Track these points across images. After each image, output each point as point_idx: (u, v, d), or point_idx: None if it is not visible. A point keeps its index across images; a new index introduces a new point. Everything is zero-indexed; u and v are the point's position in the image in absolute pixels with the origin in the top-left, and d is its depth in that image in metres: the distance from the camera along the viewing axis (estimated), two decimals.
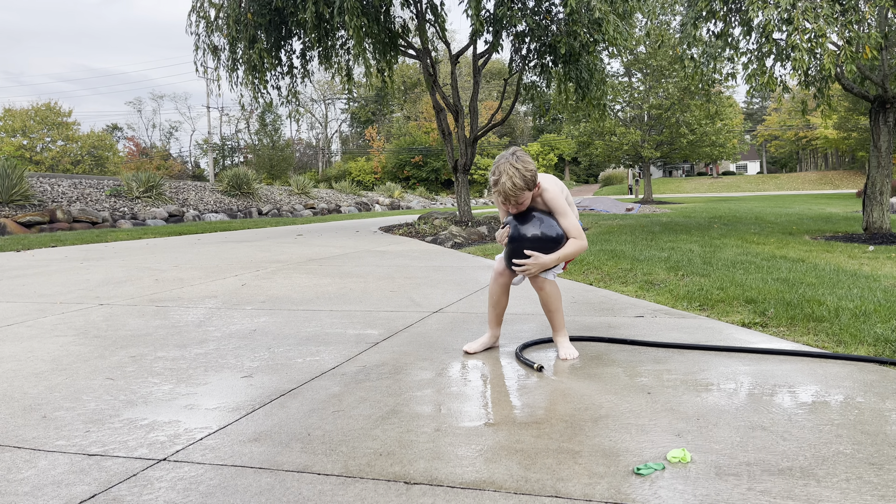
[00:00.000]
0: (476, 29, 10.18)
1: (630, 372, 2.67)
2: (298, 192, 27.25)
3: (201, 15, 11.58)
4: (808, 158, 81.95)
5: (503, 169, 2.75)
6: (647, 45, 27.70)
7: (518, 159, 2.75)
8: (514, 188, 2.73)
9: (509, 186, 2.73)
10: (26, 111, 57.16)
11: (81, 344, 3.33)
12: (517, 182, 2.73)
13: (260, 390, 2.51)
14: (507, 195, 2.75)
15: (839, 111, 40.57)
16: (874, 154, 8.60)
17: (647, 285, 4.83)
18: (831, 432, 1.97)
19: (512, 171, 2.73)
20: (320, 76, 65.07)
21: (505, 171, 2.74)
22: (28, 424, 2.18)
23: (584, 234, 2.95)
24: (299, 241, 10.10)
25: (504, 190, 2.74)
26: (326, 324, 3.75)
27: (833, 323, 3.33)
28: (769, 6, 7.44)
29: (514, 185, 2.73)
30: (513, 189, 2.73)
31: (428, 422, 2.14)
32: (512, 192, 2.74)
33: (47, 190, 17.14)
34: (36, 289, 5.37)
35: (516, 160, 2.75)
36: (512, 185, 2.73)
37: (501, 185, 2.75)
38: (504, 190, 2.74)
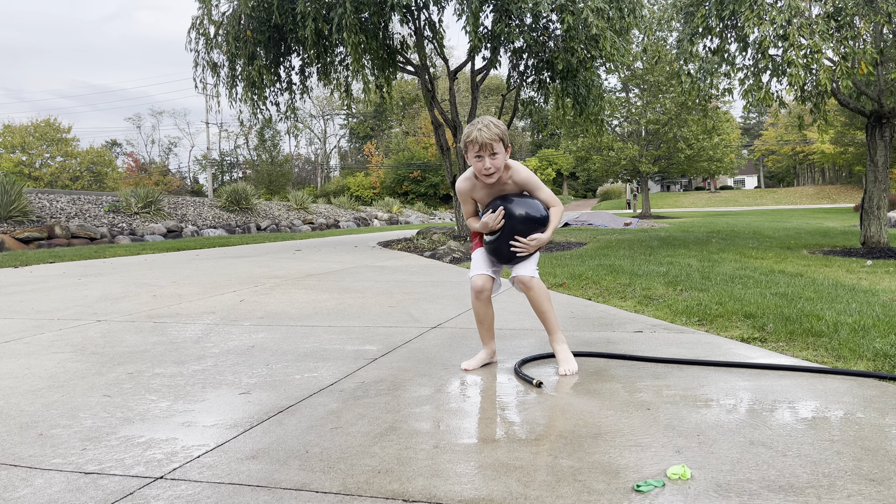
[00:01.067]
0: (474, 45, 10.24)
1: (629, 387, 2.66)
2: (297, 207, 27.28)
3: (201, 32, 11.65)
4: (806, 173, 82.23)
5: (476, 122, 2.82)
6: (644, 60, 27.85)
7: (492, 118, 2.85)
8: (490, 135, 2.76)
9: (486, 134, 2.76)
10: (25, 127, 57.35)
11: (79, 360, 3.32)
12: (493, 130, 2.78)
13: (258, 407, 2.50)
14: (483, 143, 2.77)
15: (836, 126, 40.74)
16: (871, 169, 8.63)
17: (646, 300, 4.83)
18: (831, 448, 1.96)
19: (486, 121, 2.82)
20: (319, 92, 65.34)
21: (478, 123, 2.81)
22: (24, 442, 2.17)
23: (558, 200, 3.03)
24: (298, 256, 10.10)
25: (480, 138, 2.76)
26: (325, 340, 3.74)
27: (832, 338, 3.32)
28: (765, 23, 7.50)
29: (491, 132, 2.76)
30: (489, 136, 2.76)
31: (426, 439, 2.13)
32: (488, 139, 2.76)
33: (46, 206, 17.15)
34: (33, 305, 5.36)
35: (490, 118, 2.85)
36: (489, 133, 2.76)
37: (477, 134, 2.77)
38: (480, 138, 2.76)
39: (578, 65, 10.55)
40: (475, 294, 3.02)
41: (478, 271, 3.03)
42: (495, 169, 2.84)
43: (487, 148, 2.79)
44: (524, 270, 2.95)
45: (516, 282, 2.97)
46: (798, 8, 7.35)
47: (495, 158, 2.82)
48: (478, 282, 3.01)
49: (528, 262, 2.97)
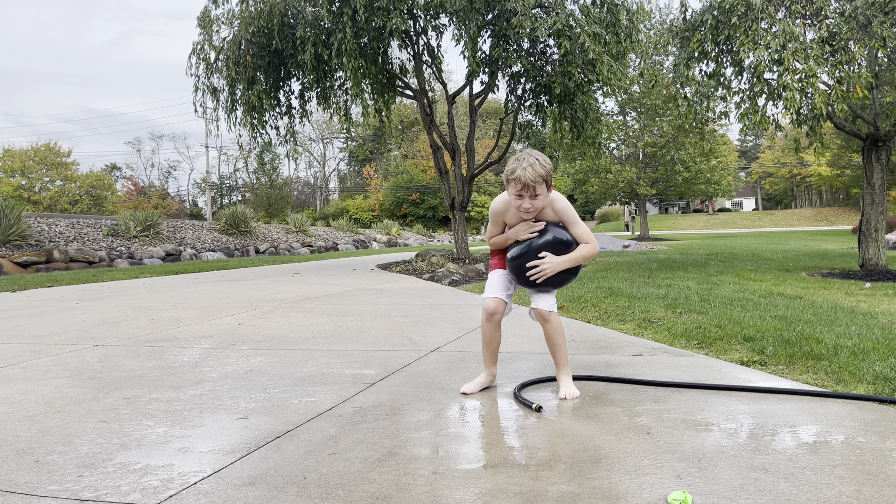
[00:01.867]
0: (472, 70, 10.33)
1: (629, 412, 2.65)
2: (296, 230, 27.31)
3: (201, 57, 11.76)
4: (803, 195, 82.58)
5: (522, 158, 2.73)
6: (640, 84, 28.10)
7: (537, 154, 2.76)
8: (534, 175, 2.69)
9: (529, 174, 2.68)
10: (25, 151, 57.56)
11: (75, 386, 3.30)
12: (538, 170, 2.70)
13: (255, 432, 2.48)
14: (526, 184, 2.70)
15: (832, 149, 40.98)
16: (868, 191, 8.66)
17: (645, 323, 4.82)
18: (833, 473, 1.95)
19: (531, 159, 2.72)
20: (318, 116, 65.75)
21: (524, 159, 2.72)
22: (20, 468, 2.15)
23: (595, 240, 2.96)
24: (296, 279, 10.09)
25: (524, 177, 2.69)
26: (323, 364, 3.72)
27: (832, 361, 3.31)
28: (760, 47, 7.57)
29: (535, 173, 2.69)
30: (533, 176, 2.69)
31: (425, 464, 2.11)
32: (532, 180, 2.69)
33: (45, 230, 17.16)
34: (31, 329, 5.34)
35: (536, 153, 2.76)
36: (533, 173, 2.69)
37: (521, 173, 2.69)
38: (524, 177, 2.69)
39: (576, 88, 10.65)
40: (487, 316, 3.00)
41: (492, 294, 3.02)
42: (535, 210, 2.81)
43: (529, 189, 2.73)
44: (544, 304, 2.93)
45: (535, 313, 2.97)
46: (793, 33, 7.44)
47: (536, 199, 2.77)
48: (490, 304, 3.00)
49: (548, 295, 2.96)
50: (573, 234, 2.89)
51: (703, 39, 8.40)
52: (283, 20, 10.72)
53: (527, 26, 9.37)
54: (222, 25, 11.54)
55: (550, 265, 2.83)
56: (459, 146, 12.73)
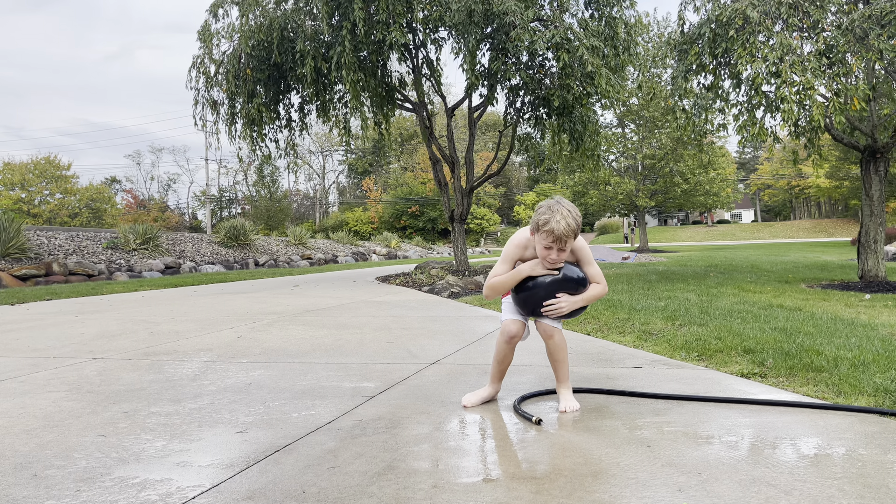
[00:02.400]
0: (471, 83, 10.38)
1: (630, 424, 2.64)
2: (295, 242, 27.31)
3: (201, 71, 11.81)
4: (802, 207, 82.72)
5: (556, 209, 2.69)
6: (639, 97, 28.21)
7: (567, 203, 2.73)
8: (567, 229, 2.67)
9: (563, 227, 2.66)
10: (25, 165, 57.69)
11: (74, 399, 3.29)
12: (571, 224, 2.68)
13: (254, 446, 2.47)
14: (560, 237, 2.68)
15: (830, 160, 41.12)
16: (866, 203, 8.68)
17: (645, 335, 4.81)
18: (834, 486, 1.94)
19: (566, 212, 2.69)
20: (318, 128, 65.96)
21: (559, 212, 2.68)
22: (18, 483, 2.14)
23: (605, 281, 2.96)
24: (296, 292, 10.08)
25: (558, 231, 2.66)
26: (322, 377, 3.71)
27: (832, 373, 3.31)
28: (757, 60, 7.61)
29: (569, 226, 2.67)
30: (567, 230, 2.66)
31: (425, 478, 2.10)
32: (566, 234, 2.67)
33: (44, 243, 17.16)
34: (29, 343, 5.33)
35: (566, 203, 2.73)
36: (566, 226, 2.66)
37: (555, 226, 2.66)
38: (558, 231, 2.66)
39: (574, 101, 10.69)
40: (506, 338, 2.97)
41: (512, 316, 2.98)
42: (560, 262, 2.80)
43: (561, 242, 2.71)
44: (549, 320, 2.94)
45: (539, 328, 2.97)
46: (790, 46, 7.48)
47: (564, 252, 2.76)
48: (512, 328, 2.95)
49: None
50: (587, 273, 2.90)
51: (700, 52, 8.44)
52: (282, 34, 10.78)
53: (525, 39, 9.42)
54: (222, 39, 11.61)
55: (567, 303, 2.84)
56: (459, 159, 12.76)
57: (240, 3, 11.19)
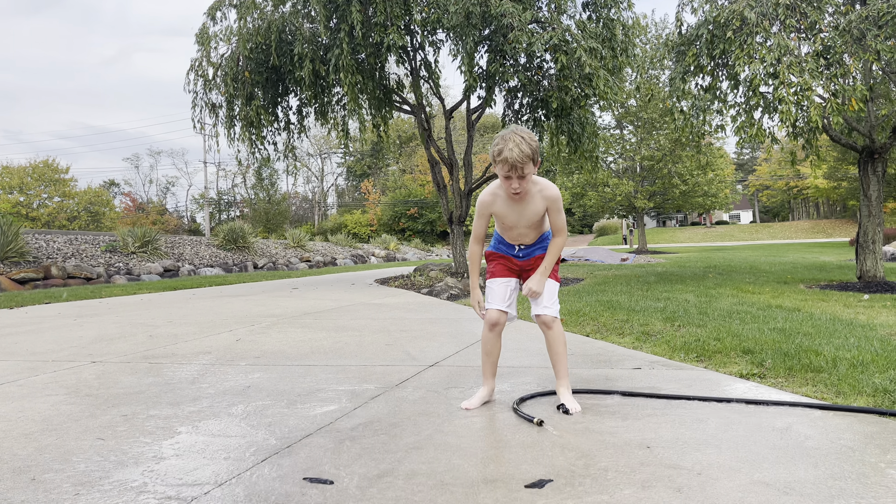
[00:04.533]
0: (469, 85, 10.38)
1: (629, 425, 2.64)
2: (294, 245, 27.30)
3: (199, 73, 11.81)
4: (800, 207, 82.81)
5: (508, 137, 2.71)
6: (637, 98, 28.25)
7: (520, 129, 2.75)
8: (521, 155, 2.69)
9: (516, 154, 2.68)
10: (24, 168, 57.63)
11: (73, 403, 3.29)
12: (524, 149, 2.69)
13: (254, 448, 2.47)
14: (514, 163, 2.70)
15: (828, 161, 41.18)
16: (864, 203, 8.69)
17: (644, 336, 4.81)
18: (833, 486, 1.94)
19: (517, 139, 2.70)
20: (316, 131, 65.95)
21: (510, 139, 2.71)
22: (16, 487, 2.14)
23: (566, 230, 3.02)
24: (294, 294, 10.07)
25: (511, 158, 2.69)
26: (321, 379, 3.71)
27: (831, 373, 3.31)
28: (755, 61, 7.62)
29: (522, 153, 2.69)
30: (520, 156, 2.68)
31: (425, 479, 2.10)
32: (519, 160, 2.69)
33: (42, 246, 17.14)
34: (28, 346, 5.32)
35: (520, 130, 2.74)
36: (519, 153, 2.68)
37: (508, 153, 2.69)
38: (511, 158, 2.69)
39: (572, 103, 10.69)
40: (489, 326, 3.05)
41: (493, 305, 3.05)
42: (524, 191, 2.83)
43: (517, 169, 2.73)
44: (548, 311, 2.97)
45: (538, 320, 3.00)
46: (787, 47, 7.49)
47: (524, 179, 2.78)
48: (493, 315, 3.04)
49: (553, 302, 2.99)
50: (556, 224, 2.95)
51: (698, 53, 8.45)
52: (280, 36, 10.78)
53: (523, 41, 9.43)
54: (220, 42, 11.61)
55: (538, 286, 2.94)
56: (457, 161, 12.76)
57: (238, 6, 11.19)
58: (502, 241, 3.08)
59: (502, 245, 3.09)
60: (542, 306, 2.98)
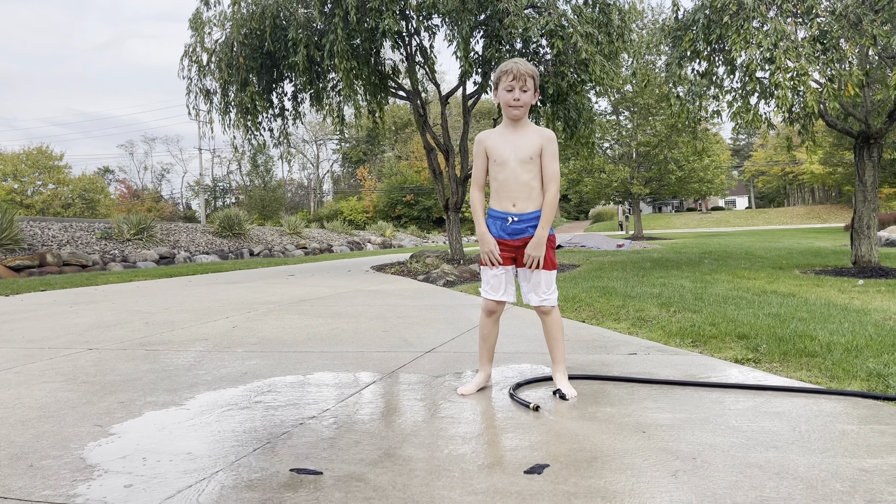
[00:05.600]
0: (465, 70, 10.34)
1: (625, 410, 2.65)
2: (290, 232, 27.26)
3: (193, 59, 11.73)
4: (796, 193, 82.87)
5: (509, 61, 2.93)
6: (633, 84, 28.14)
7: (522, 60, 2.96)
8: (526, 68, 2.88)
9: (522, 66, 2.88)
10: (17, 155, 57.31)
11: (69, 390, 3.29)
12: (528, 65, 2.90)
13: (251, 435, 2.48)
14: (518, 74, 2.86)
15: (824, 147, 41.13)
16: (860, 189, 8.70)
17: (640, 322, 4.83)
18: (827, 470, 1.96)
19: (521, 60, 2.92)
20: (312, 117, 65.66)
21: (512, 59, 2.93)
22: (14, 474, 2.14)
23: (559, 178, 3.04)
24: (291, 281, 10.07)
25: (515, 70, 2.87)
26: (318, 365, 3.72)
27: (825, 358, 3.33)
28: (751, 46, 7.60)
29: (527, 66, 2.89)
30: (525, 69, 2.88)
31: (422, 465, 2.11)
32: (524, 72, 2.87)
33: (37, 233, 17.09)
34: (24, 334, 5.32)
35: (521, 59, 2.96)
36: (525, 66, 2.88)
37: (513, 66, 2.88)
38: (515, 70, 2.87)
39: (569, 88, 10.65)
40: (487, 312, 3.06)
41: (489, 296, 3.04)
42: (524, 104, 2.92)
43: (521, 80, 2.88)
44: (546, 301, 2.98)
45: (537, 310, 3.03)
46: (784, 31, 7.46)
47: (525, 94, 2.91)
48: (489, 305, 3.05)
49: (551, 291, 2.99)
50: (549, 169, 2.95)
51: (695, 39, 8.42)
52: (274, 22, 10.70)
53: (519, 26, 9.38)
54: (214, 27, 11.52)
55: (537, 254, 2.92)
56: (453, 147, 12.73)
57: None
58: (494, 213, 3.02)
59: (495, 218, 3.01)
60: (541, 297, 2.97)
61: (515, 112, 2.91)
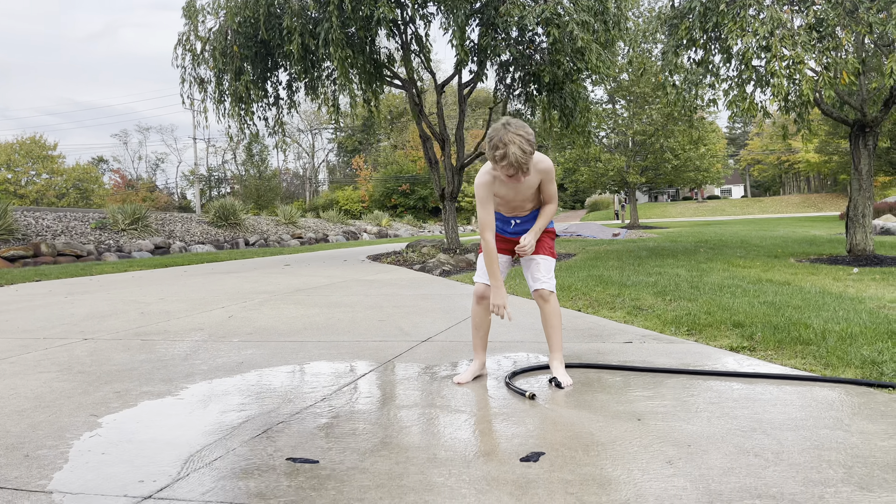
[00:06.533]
0: (461, 59, 10.29)
1: (620, 398, 2.66)
2: (286, 221, 27.21)
3: (187, 48, 11.65)
4: (791, 182, 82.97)
5: (508, 139, 2.66)
6: (629, 72, 28.05)
7: (516, 126, 2.70)
8: (524, 155, 2.67)
9: (520, 155, 2.65)
10: (11, 145, 56.98)
11: (65, 380, 3.29)
12: (526, 149, 2.67)
13: (248, 424, 2.48)
14: (519, 164, 2.68)
15: (819, 135, 41.13)
16: (855, 177, 8.71)
17: (635, 311, 4.84)
18: (820, 456, 1.97)
19: (517, 139, 2.66)
20: (307, 106, 65.38)
21: (511, 142, 2.66)
22: (10, 464, 2.14)
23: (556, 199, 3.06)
24: (287, 271, 10.06)
25: (516, 160, 2.66)
26: (314, 355, 3.72)
27: (820, 346, 3.34)
28: (748, 34, 7.58)
29: (524, 153, 2.66)
30: (523, 156, 2.66)
31: (418, 453, 2.12)
32: (523, 160, 2.67)
33: (31, 224, 17.02)
34: (19, 324, 5.30)
35: (516, 128, 2.69)
36: (522, 153, 2.66)
37: (512, 156, 2.65)
38: (516, 160, 2.66)
39: (565, 77, 10.62)
40: (477, 299, 3.07)
41: (481, 279, 3.07)
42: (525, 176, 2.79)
43: (522, 168, 2.70)
44: (545, 284, 3.00)
45: (535, 294, 3.03)
46: (780, 20, 7.44)
47: (528, 174, 2.77)
48: (480, 288, 3.06)
49: (550, 277, 3.01)
50: (547, 192, 2.99)
51: (691, 27, 8.39)
52: (269, 10, 10.62)
53: (515, 14, 9.34)
54: (208, 16, 11.43)
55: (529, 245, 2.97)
56: (449, 136, 12.70)
57: None
58: (498, 217, 3.07)
59: (498, 221, 3.07)
60: (540, 281, 3.01)
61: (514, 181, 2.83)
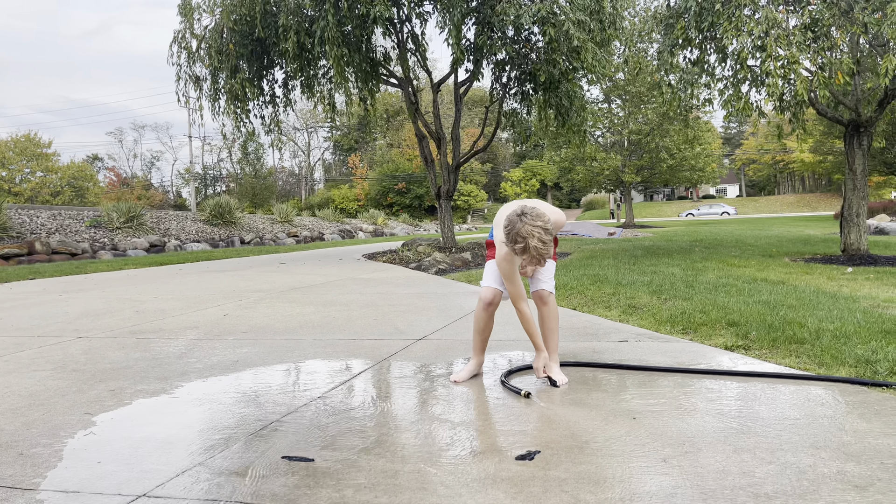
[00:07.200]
0: (457, 57, 10.29)
1: (615, 397, 2.67)
2: (281, 220, 27.17)
3: (183, 46, 11.61)
4: (786, 181, 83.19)
5: (526, 232, 2.62)
6: (625, 72, 28.09)
7: (532, 217, 2.65)
8: (544, 246, 2.64)
9: (540, 247, 2.63)
10: (5, 143, 56.74)
11: (59, 378, 3.28)
12: (545, 239, 2.64)
13: (243, 423, 2.48)
14: (540, 255, 2.66)
15: (814, 135, 41.19)
16: (850, 177, 8.74)
17: (631, 309, 4.85)
18: (814, 455, 1.97)
19: (536, 231, 2.62)
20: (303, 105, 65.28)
21: (530, 234, 2.62)
22: (4, 462, 2.13)
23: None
24: (282, 269, 10.05)
25: (537, 252, 2.64)
26: (310, 353, 3.72)
27: (814, 345, 3.35)
28: (743, 34, 7.59)
29: (545, 244, 2.64)
30: (543, 247, 2.64)
31: (414, 452, 2.12)
32: (544, 251, 2.65)
33: (26, 221, 16.96)
34: (13, 322, 5.28)
35: (532, 219, 2.64)
36: (542, 245, 2.63)
37: (533, 249, 2.62)
38: (537, 252, 2.64)
39: (560, 76, 10.62)
40: (483, 305, 3.05)
41: (489, 284, 3.06)
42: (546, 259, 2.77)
43: (545, 255, 2.68)
44: (545, 285, 3.00)
45: (535, 295, 3.03)
46: (775, 20, 7.46)
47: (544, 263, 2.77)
48: (488, 294, 3.04)
49: (551, 278, 3.02)
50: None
51: (687, 26, 8.40)
52: (265, 8, 10.60)
53: (511, 13, 9.33)
54: (204, 13, 11.40)
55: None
56: (445, 135, 12.69)
57: None
58: None
59: None
60: (542, 282, 3.01)
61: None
